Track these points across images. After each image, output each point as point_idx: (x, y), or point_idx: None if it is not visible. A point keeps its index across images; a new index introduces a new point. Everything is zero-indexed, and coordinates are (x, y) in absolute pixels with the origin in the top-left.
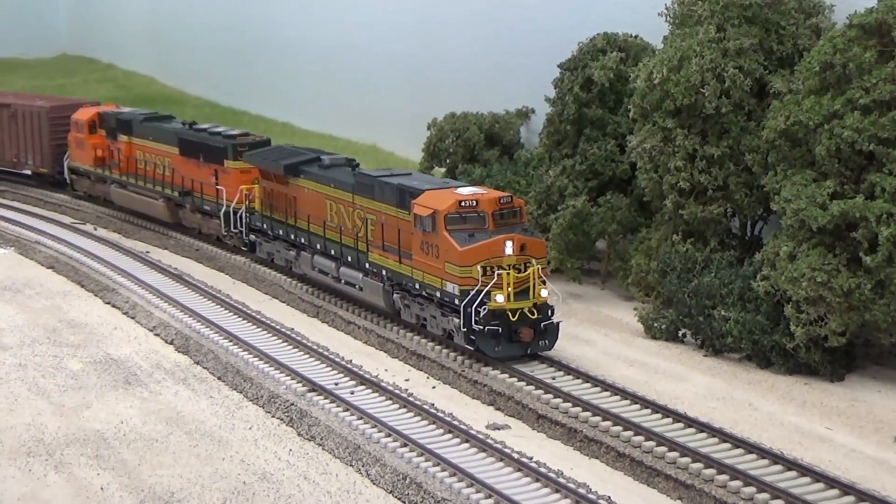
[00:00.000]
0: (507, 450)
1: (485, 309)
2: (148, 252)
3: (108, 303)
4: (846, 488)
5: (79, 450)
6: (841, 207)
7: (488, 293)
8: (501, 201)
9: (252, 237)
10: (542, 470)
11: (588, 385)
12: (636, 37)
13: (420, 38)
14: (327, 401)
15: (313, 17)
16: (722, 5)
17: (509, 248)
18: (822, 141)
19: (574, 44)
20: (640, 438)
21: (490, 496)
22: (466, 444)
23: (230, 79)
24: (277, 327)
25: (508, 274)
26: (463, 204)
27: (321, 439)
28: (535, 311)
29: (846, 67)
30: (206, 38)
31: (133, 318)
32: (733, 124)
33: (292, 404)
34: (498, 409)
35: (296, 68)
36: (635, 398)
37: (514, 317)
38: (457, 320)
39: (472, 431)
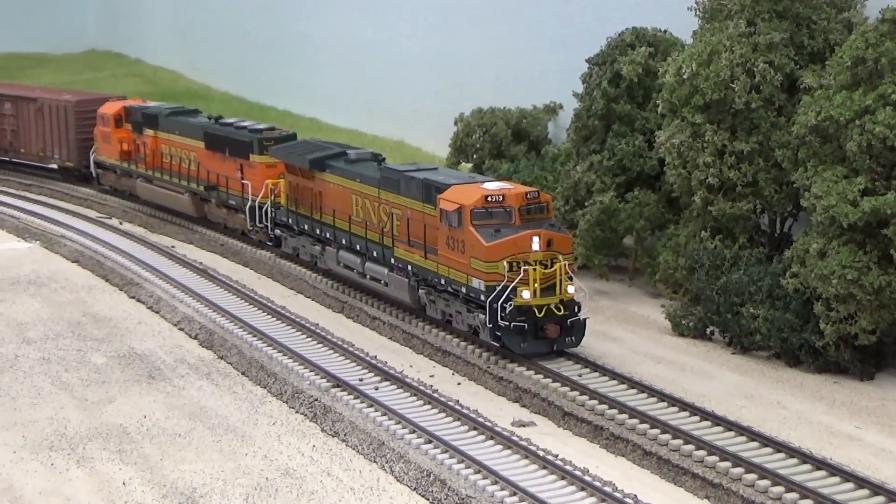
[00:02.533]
0: (532, 447)
1: (511, 305)
2: (173, 247)
3: (133, 297)
4: (876, 488)
5: (101, 444)
6: (872, 204)
7: (514, 289)
8: (528, 196)
9: (277, 232)
10: (568, 468)
11: (615, 382)
12: (665, 32)
13: (448, 34)
14: (351, 397)
15: (341, 13)
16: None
17: (536, 244)
18: (854, 137)
19: (602, 39)
20: (667, 436)
21: (515, 493)
22: (491, 441)
23: (257, 74)
24: (302, 323)
25: (535, 270)
26: (489, 199)
27: (345, 435)
28: (562, 308)
29: (878, 62)
30: (233, 33)
31: (157, 312)
32: (763, 120)
33: (316, 400)
34: (524, 405)
35: (323, 64)
36: (662, 396)
37: (540, 313)
38: (483, 316)
39: (498, 428)
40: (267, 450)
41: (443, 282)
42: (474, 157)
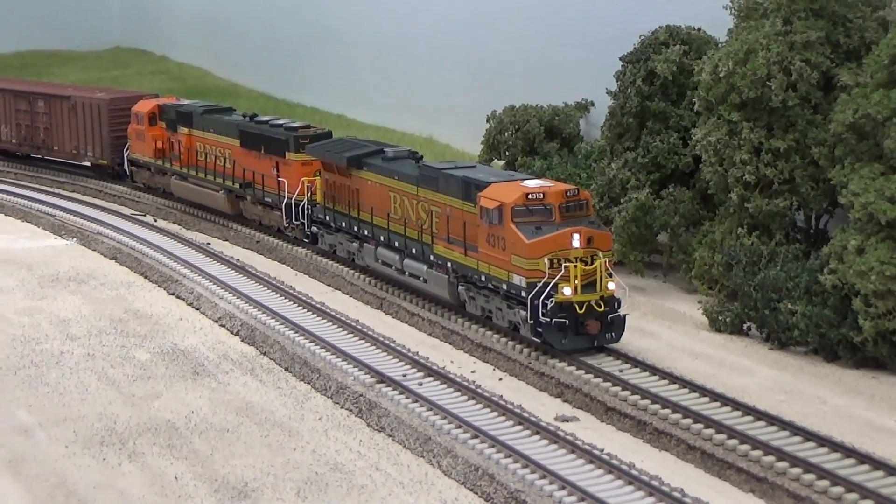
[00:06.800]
0: (577, 441)
1: (552, 301)
2: (209, 244)
3: (173, 294)
4: None
5: (151, 439)
6: None
7: (555, 286)
8: (568, 194)
9: (314, 229)
10: (615, 462)
11: (655, 378)
12: (699, 30)
13: (478, 30)
14: (396, 392)
15: (369, 8)
16: None
17: (576, 241)
18: (891, 134)
19: (634, 37)
20: (710, 431)
21: (564, 487)
22: (537, 436)
23: (284, 71)
24: (343, 319)
25: (576, 266)
26: (530, 196)
27: (391, 430)
28: (603, 304)
29: None
30: (259, 29)
31: (198, 308)
32: (800, 117)
33: (361, 395)
34: (566, 401)
35: (351, 60)
36: (704, 391)
37: (581, 309)
38: (523, 313)
39: (542, 423)
40: (315, 445)
41: (483, 278)
42: (507, 153)
